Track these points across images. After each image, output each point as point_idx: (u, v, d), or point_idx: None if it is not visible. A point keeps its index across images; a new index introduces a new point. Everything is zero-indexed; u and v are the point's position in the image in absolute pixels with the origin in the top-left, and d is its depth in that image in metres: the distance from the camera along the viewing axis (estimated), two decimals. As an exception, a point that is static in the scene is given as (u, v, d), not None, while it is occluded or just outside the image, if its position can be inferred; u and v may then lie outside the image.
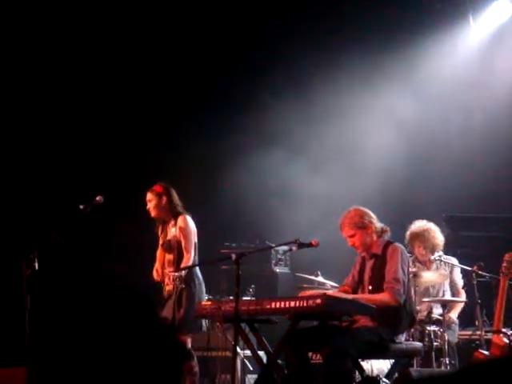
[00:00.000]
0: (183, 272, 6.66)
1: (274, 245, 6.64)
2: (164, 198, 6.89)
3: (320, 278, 7.68)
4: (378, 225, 5.84)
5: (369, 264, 5.82)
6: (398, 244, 5.80)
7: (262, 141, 9.48)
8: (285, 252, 6.49)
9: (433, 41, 9.31)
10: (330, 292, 5.99)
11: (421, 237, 7.31)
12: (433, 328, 6.78)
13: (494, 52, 9.34)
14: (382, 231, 5.83)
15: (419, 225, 7.37)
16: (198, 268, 6.79)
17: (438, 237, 7.35)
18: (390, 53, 9.20)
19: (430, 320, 6.86)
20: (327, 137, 9.50)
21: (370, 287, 5.71)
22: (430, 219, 7.46)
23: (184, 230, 6.78)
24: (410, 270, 6.83)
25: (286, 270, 9.25)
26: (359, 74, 9.26)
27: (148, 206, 6.94)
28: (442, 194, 9.16)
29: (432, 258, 7.28)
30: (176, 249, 6.81)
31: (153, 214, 6.94)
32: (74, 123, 9.38)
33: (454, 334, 7.11)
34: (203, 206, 8.60)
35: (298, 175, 9.37)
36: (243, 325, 5.71)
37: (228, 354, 7.44)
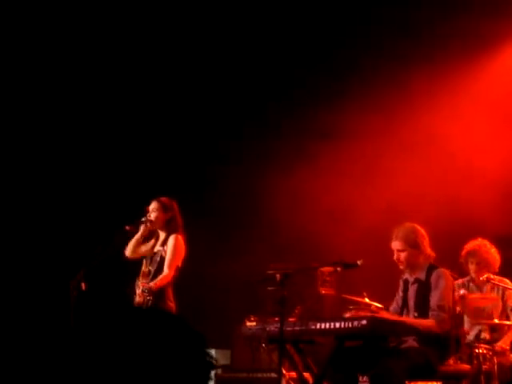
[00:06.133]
0: (155, 286, 6.44)
1: (318, 265, 6.57)
2: (169, 214, 6.75)
3: (366, 300, 7.60)
4: (428, 249, 5.75)
5: (412, 289, 5.74)
6: (442, 269, 5.71)
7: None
8: (330, 273, 6.42)
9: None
10: (376, 313, 5.93)
11: (474, 253, 7.18)
12: (481, 351, 6.64)
13: None
14: (429, 256, 5.74)
15: (473, 242, 7.26)
16: (171, 292, 6.63)
17: (493, 254, 7.19)
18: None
19: (478, 342, 6.71)
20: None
21: (416, 314, 5.62)
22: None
23: (174, 248, 6.61)
24: (460, 292, 6.74)
25: (331, 291, 9.17)
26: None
27: (149, 215, 6.74)
28: (495, 215, 8.92)
29: (481, 278, 7.12)
30: (157, 264, 6.64)
31: (154, 225, 6.76)
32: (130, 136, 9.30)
33: (506, 358, 6.94)
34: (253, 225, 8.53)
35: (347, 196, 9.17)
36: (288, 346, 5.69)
37: (273, 375, 7.38)
